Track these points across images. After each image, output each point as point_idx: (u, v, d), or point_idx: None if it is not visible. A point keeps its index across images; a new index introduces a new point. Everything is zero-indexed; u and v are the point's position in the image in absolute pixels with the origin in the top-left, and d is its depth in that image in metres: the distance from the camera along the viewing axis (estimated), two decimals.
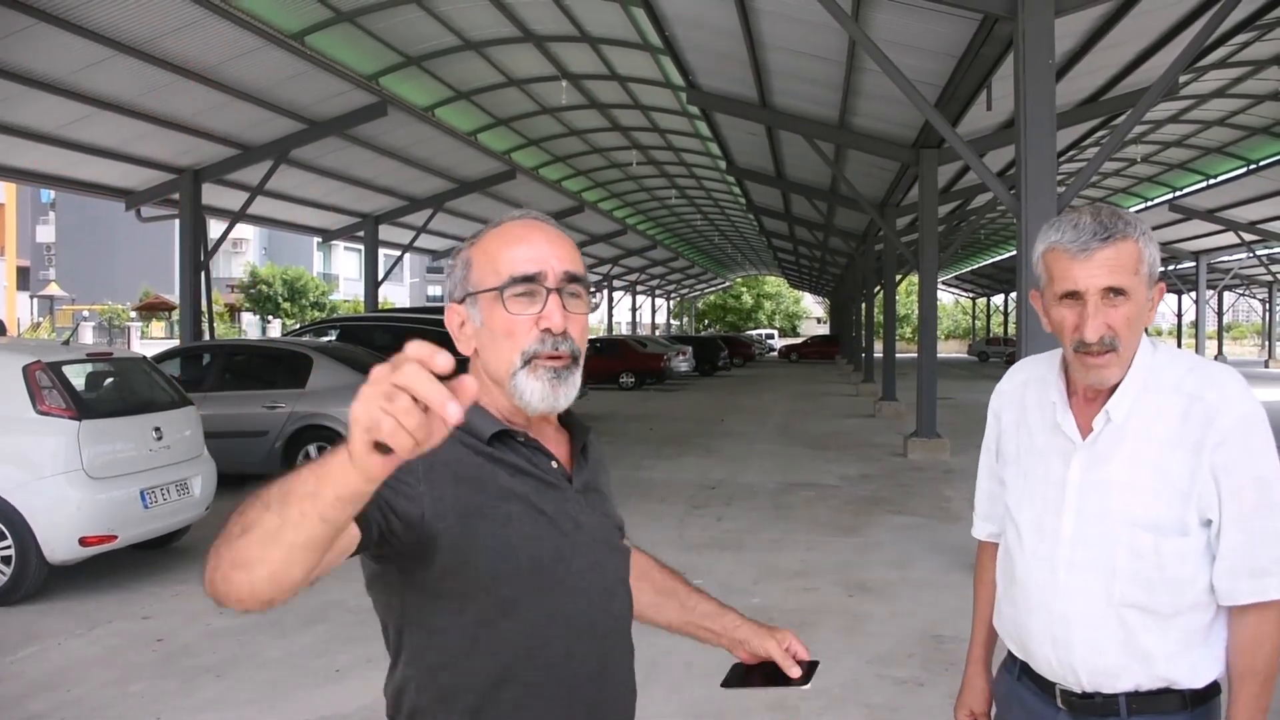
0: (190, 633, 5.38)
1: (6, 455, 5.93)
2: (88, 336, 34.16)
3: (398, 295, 54.96)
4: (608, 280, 38.43)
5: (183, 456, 6.80)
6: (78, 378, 6.58)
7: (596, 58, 14.22)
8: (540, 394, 1.27)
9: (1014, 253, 28.28)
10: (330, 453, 0.88)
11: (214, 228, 15.79)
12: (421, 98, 14.47)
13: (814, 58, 10.43)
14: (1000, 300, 56.64)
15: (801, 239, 28.84)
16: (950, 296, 68.10)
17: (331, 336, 13.41)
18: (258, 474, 9.56)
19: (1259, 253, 28.07)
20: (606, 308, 42.63)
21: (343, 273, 56.22)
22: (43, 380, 6.02)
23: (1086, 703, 1.63)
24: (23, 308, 45.79)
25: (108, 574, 6.52)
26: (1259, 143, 18.55)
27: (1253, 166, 19.36)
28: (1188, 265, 32.27)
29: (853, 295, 32.31)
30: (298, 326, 30.96)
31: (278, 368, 10.06)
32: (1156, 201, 23.74)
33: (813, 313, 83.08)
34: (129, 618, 5.68)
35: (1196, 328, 34.80)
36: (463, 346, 1.33)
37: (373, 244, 19.41)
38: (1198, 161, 20.84)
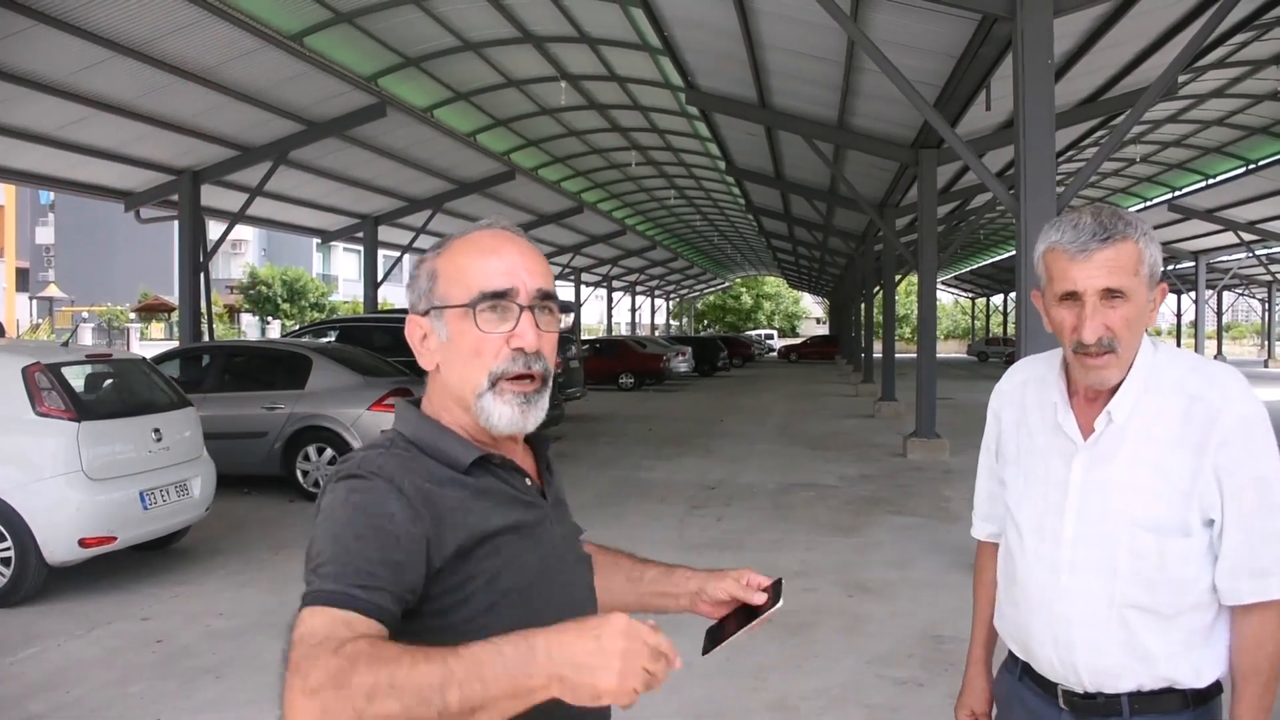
0: (190, 634, 5.38)
1: (6, 456, 5.92)
2: (87, 338, 34.14)
3: (397, 296, 54.90)
4: (607, 280, 38.44)
5: (182, 458, 6.79)
6: (77, 379, 6.57)
7: (596, 58, 14.23)
8: (509, 419, 1.24)
9: (1013, 253, 28.27)
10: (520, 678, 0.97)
11: (213, 229, 15.77)
12: (420, 98, 14.47)
13: (813, 58, 10.44)
14: (1000, 300, 56.64)
15: (801, 239, 28.85)
16: (950, 296, 68.12)
17: (331, 337, 13.42)
18: (257, 475, 9.60)
19: (1258, 252, 28.08)
20: (606, 308, 42.62)
21: (342, 274, 56.18)
22: (42, 382, 6.02)
23: (1089, 703, 1.62)
24: (22, 309, 45.78)
25: (107, 575, 6.51)
26: (1258, 142, 18.57)
27: (1252, 166, 19.38)
28: (1187, 265, 32.29)
29: (852, 295, 32.33)
30: (297, 327, 30.96)
31: (277, 369, 10.06)
32: (1155, 201, 23.75)
33: (812, 313, 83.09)
34: (128, 619, 5.67)
35: (1196, 327, 34.82)
36: (424, 361, 1.29)
37: (372, 245, 19.41)
38: (1197, 161, 20.86)
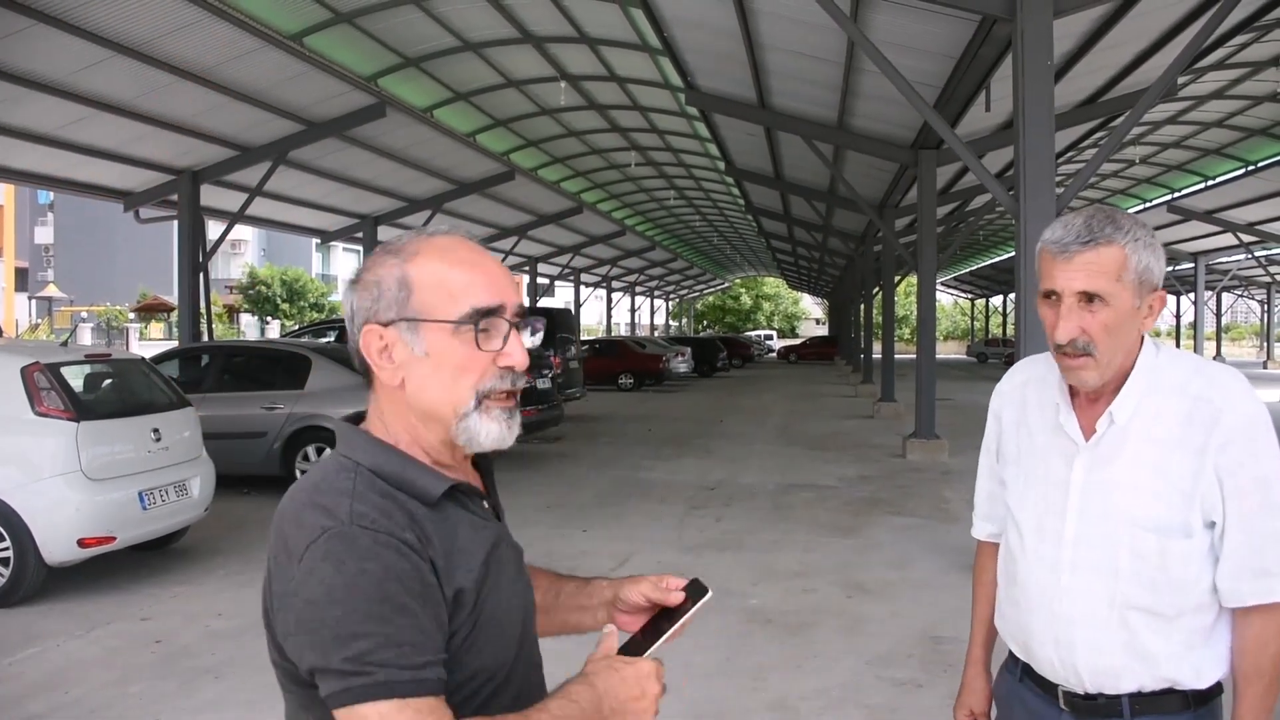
0: (189, 634, 5.38)
1: (5, 456, 5.92)
2: (86, 338, 34.11)
3: None
4: (606, 281, 38.44)
5: (181, 458, 6.79)
6: (76, 379, 6.57)
7: (595, 59, 14.22)
8: (496, 435, 1.19)
9: (1013, 254, 28.29)
10: None
11: (212, 229, 15.76)
12: (420, 99, 14.47)
13: (813, 59, 10.44)
14: (999, 301, 56.65)
15: (800, 240, 28.86)
16: (949, 297, 68.12)
17: (330, 338, 13.41)
18: (256, 475, 9.59)
19: (1257, 254, 28.09)
20: (605, 308, 42.62)
21: (342, 274, 56.11)
22: (41, 381, 6.02)
23: (1089, 704, 1.62)
24: (21, 309, 45.75)
25: (106, 575, 6.51)
26: (1257, 144, 18.58)
27: (1251, 168, 19.38)
28: (1186, 266, 32.31)
29: (851, 296, 32.33)
30: (296, 328, 30.96)
31: (276, 369, 10.06)
32: (1155, 203, 23.76)
33: (811, 314, 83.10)
34: (128, 619, 5.67)
35: (1195, 329, 34.84)
36: (386, 375, 1.18)
37: (371, 245, 19.37)
38: (1196, 163, 20.87)
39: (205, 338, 14.31)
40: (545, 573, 1.51)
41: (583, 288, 35.31)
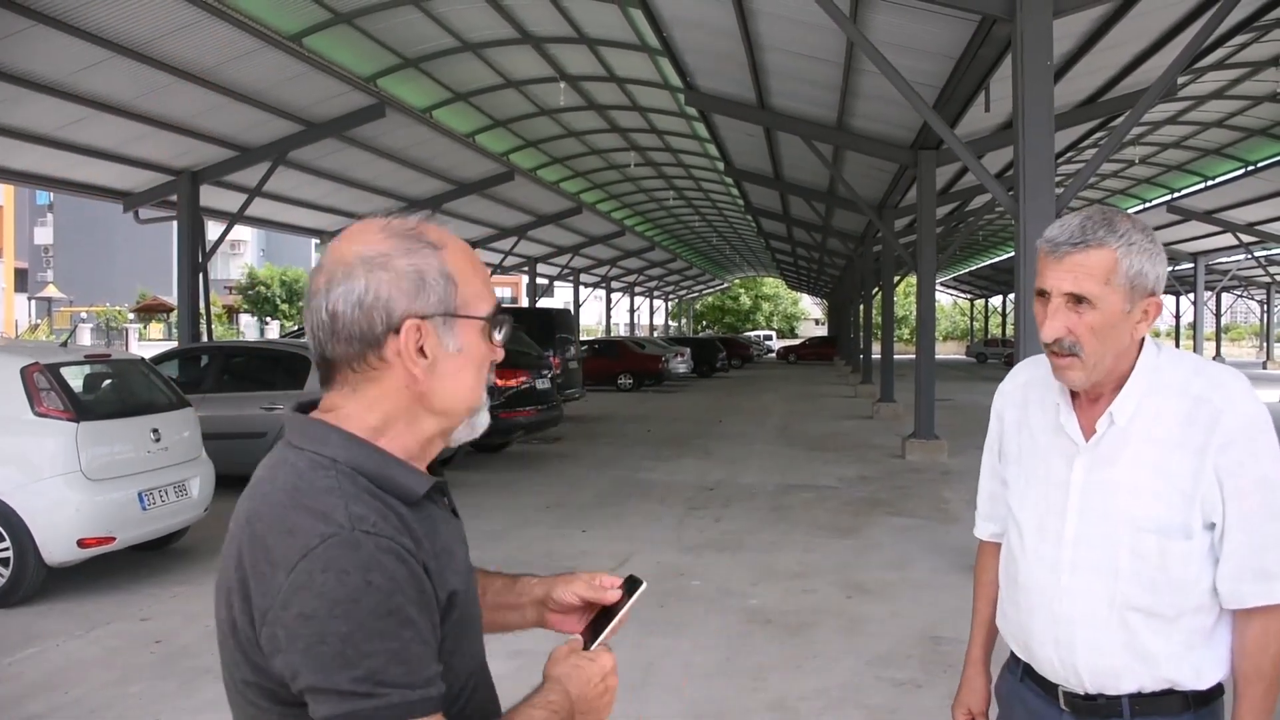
0: (189, 634, 5.37)
1: (5, 457, 5.92)
2: (86, 338, 34.11)
3: None
4: (606, 281, 38.43)
5: (181, 458, 6.79)
6: (76, 379, 6.57)
7: (594, 59, 14.23)
8: (482, 425, 1.20)
9: (1012, 254, 28.31)
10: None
11: (212, 229, 15.78)
12: (419, 99, 14.47)
13: (812, 59, 10.44)
14: (999, 301, 56.66)
15: (800, 240, 28.86)
16: (948, 298, 68.13)
17: None
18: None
19: (1257, 254, 28.11)
20: (605, 309, 42.61)
21: None
22: (41, 382, 6.02)
23: (1089, 704, 1.62)
24: (21, 309, 45.73)
25: (106, 575, 6.51)
26: (1257, 144, 18.59)
27: (1251, 168, 19.40)
28: (1186, 267, 32.32)
29: (851, 296, 32.33)
30: (295, 328, 30.95)
31: (276, 369, 10.06)
32: (1155, 203, 23.78)
33: (811, 314, 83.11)
34: (128, 619, 5.67)
35: (1194, 329, 34.85)
36: (418, 371, 1.10)
37: None
38: (1196, 163, 20.88)
39: (205, 338, 14.31)
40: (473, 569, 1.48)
41: (582, 288, 35.31)
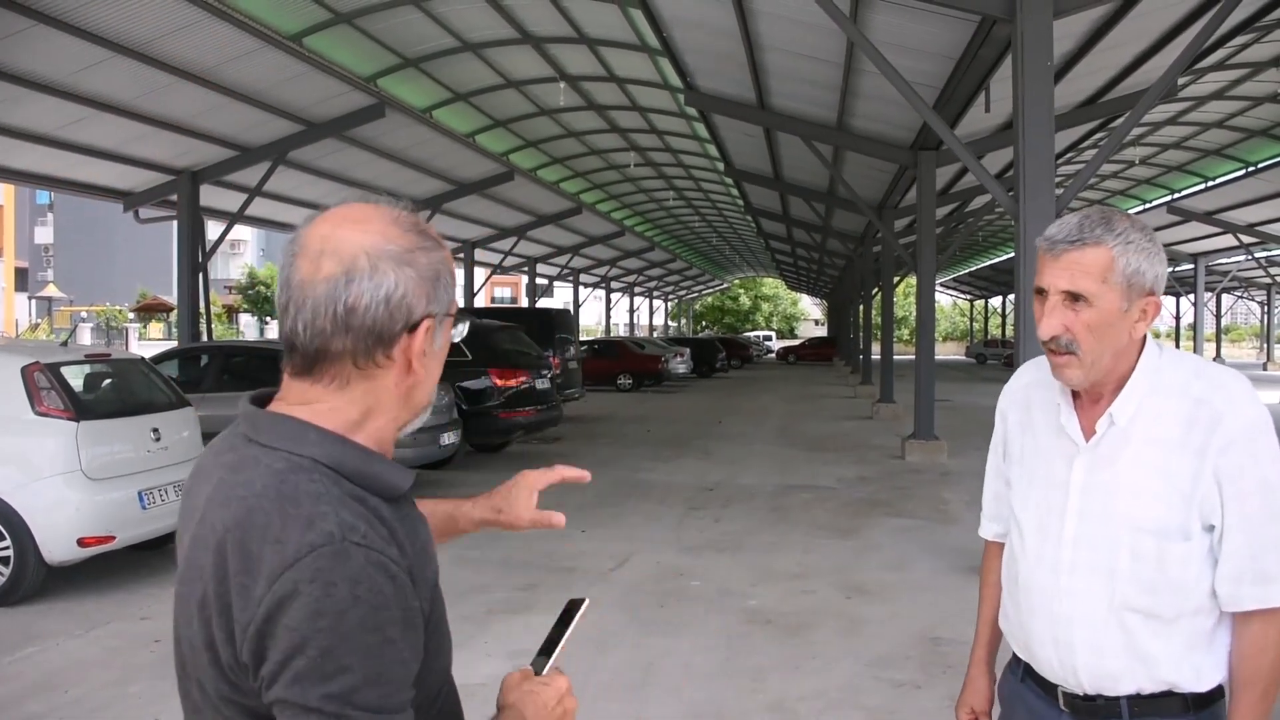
0: None
1: (5, 456, 5.92)
2: (86, 338, 34.12)
3: None
4: (605, 281, 38.44)
5: (181, 458, 6.78)
6: (76, 379, 6.57)
7: (594, 59, 14.23)
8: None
9: (1012, 255, 28.32)
10: None
11: (212, 229, 15.78)
12: (419, 99, 14.48)
13: (812, 59, 10.44)
14: (998, 302, 56.63)
15: (799, 241, 28.86)
16: (948, 298, 68.12)
17: None
18: None
19: (1257, 255, 28.09)
20: (604, 309, 42.61)
21: None
22: (41, 381, 6.02)
23: (1089, 705, 1.62)
24: (21, 309, 45.74)
25: (106, 575, 6.51)
26: (1257, 145, 18.59)
27: (1251, 169, 19.39)
28: (1186, 267, 32.31)
29: (850, 297, 32.33)
30: None
31: (275, 369, 9.94)
32: (1155, 203, 23.77)
33: (810, 314, 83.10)
34: (127, 619, 5.67)
35: (1195, 330, 34.82)
36: (421, 370, 1.08)
37: None
38: (1196, 164, 20.87)
39: (204, 338, 14.32)
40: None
41: (581, 288, 35.32)
